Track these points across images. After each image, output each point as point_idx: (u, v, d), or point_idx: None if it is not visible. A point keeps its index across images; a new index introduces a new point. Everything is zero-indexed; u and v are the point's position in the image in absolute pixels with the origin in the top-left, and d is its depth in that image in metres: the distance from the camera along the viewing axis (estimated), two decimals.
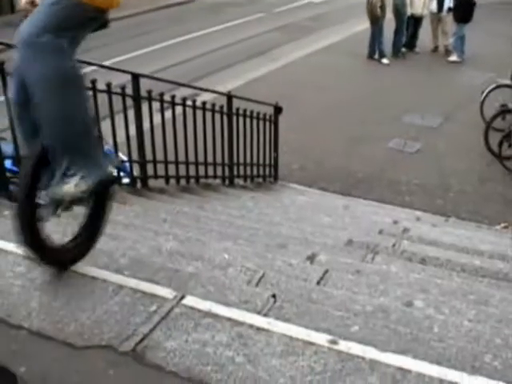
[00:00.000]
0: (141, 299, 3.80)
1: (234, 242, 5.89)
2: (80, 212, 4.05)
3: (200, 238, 5.73)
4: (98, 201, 4.09)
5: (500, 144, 12.59)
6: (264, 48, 21.83)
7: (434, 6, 20.59)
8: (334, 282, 4.83)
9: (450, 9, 20.34)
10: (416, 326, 4.04)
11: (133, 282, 3.98)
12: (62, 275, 4.04)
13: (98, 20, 3.76)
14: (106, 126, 7.37)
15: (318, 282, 4.80)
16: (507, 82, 14.89)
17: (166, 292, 3.87)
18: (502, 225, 10.37)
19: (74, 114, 3.61)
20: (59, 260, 4.02)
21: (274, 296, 4.03)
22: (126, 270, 4.33)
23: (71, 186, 3.63)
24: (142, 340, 3.47)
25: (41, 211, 3.74)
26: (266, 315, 3.81)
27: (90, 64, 7.82)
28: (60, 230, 4.01)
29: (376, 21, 20.18)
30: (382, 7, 19.87)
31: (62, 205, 3.77)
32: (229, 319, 3.62)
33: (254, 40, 22.89)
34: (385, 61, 20.16)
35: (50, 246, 3.88)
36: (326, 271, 4.97)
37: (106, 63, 17.41)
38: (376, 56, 20.32)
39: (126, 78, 7.64)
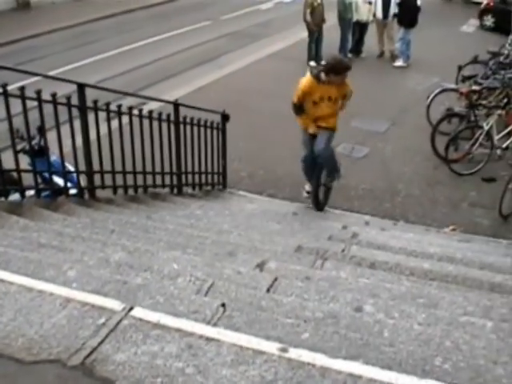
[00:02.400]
0: (89, 312, 3.76)
1: (183, 251, 5.86)
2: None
3: (148, 248, 5.68)
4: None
5: (446, 147, 12.74)
6: (211, 55, 21.82)
7: (379, 12, 20.77)
8: (283, 290, 4.82)
9: (394, 15, 20.57)
10: (366, 331, 4.05)
11: (81, 295, 3.94)
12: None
13: None
14: (52, 136, 7.30)
15: (268, 290, 4.80)
16: (452, 86, 15.07)
17: (114, 304, 3.83)
18: (450, 227, 10.49)
19: (334, 163, 10.27)
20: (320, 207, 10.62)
21: (223, 305, 4.01)
22: (74, 282, 4.29)
23: (330, 182, 10.57)
24: (90, 353, 3.43)
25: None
26: (215, 325, 3.79)
27: (35, 74, 7.76)
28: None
29: (307, 26, 20.43)
30: (313, 14, 19.97)
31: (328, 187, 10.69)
32: (178, 330, 3.60)
33: (202, 47, 22.86)
34: (312, 63, 20.28)
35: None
36: (276, 279, 4.97)
37: (52, 73, 17.37)
38: (311, 63, 20.39)
39: (72, 88, 7.55)
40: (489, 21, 26.92)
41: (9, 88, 6.46)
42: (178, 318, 3.74)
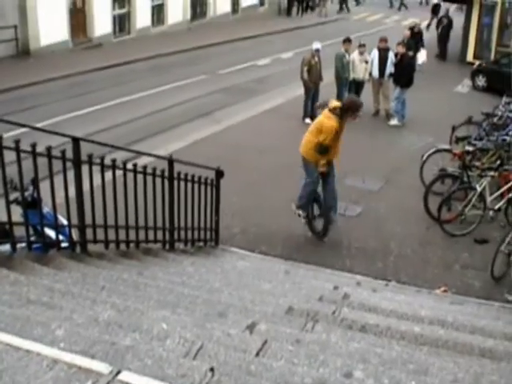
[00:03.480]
0: (76, 374, 3.71)
1: (173, 310, 5.82)
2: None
3: (138, 306, 5.64)
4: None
5: (439, 208, 12.79)
6: (207, 110, 21.93)
7: (375, 71, 20.99)
8: (273, 353, 4.77)
9: (390, 74, 20.78)
10: None
11: (68, 357, 3.89)
12: None
13: None
14: (45, 186, 7.26)
15: (257, 353, 4.75)
16: (446, 146, 15.16)
17: (101, 367, 3.78)
18: (442, 289, 10.47)
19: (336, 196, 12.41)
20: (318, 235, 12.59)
21: (211, 369, 3.96)
22: (62, 341, 4.24)
23: (334, 218, 12.45)
24: None
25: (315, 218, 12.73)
26: None
27: (30, 127, 7.76)
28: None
29: (304, 84, 20.69)
30: (310, 72, 20.28)
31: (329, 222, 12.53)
32: None
33: (198, 101, 22.99)
34: (307, 120, 20.37)
35: (316, 230, 12.69)
36: (266, 341, 4.92)
37: (49, 122, 17.45)
38: (307, 120, 20.46)
39: (67, 139, 7.54)
40: (481, 81, 27.19)
41: (4, 136, 6.43)
42: (166, 383, 3.69)
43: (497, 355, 5.90)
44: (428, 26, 41.73)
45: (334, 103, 11.93)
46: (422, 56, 27.26)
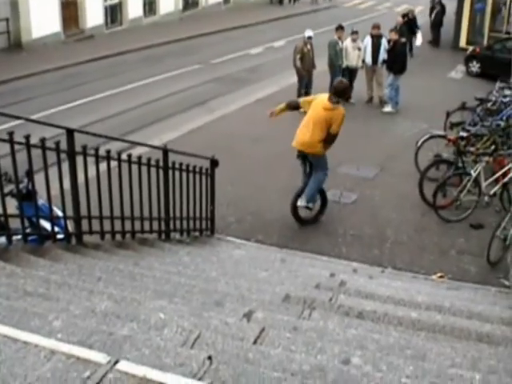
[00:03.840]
0: (74, 365, 3.71)
1: (170, 300, 5.82)
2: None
3: (135, 296, 5.64)
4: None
5: (434, 194, 12.77)
6: (201, 99, 21.89)
7: (368, 58, 20.95)
8: (271, 341, 4.77)
9: (384, 61, 20.73)
10: None
11: (66, 347, 3.88)
12: None
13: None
14: (40, 179, 7.24)
15: (255, 341, 4.75)
16: (440, 132, 15.15)
17: (99, 357, 3.78)
18: (438, 274, 10.46)
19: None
20: (302, 221, 12.45)
21: (209, 358, 3.95)
22: (59, 332, 4.23)
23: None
24: None
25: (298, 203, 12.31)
26: (201, 379, 3.73)
27: (25, 119, 7.73)
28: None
29: (297, 72, 20.67)
30: (303, 60, 20.28)
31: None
32: None
33: (191, 91, 22.97)
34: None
35: (300, 216, 12.43)
36: (263, 329, 4.92)
37: (42, 114, 17.40)
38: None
39: (61, 130, 7.51)
40: (475, 67, 27.19)
41: None
42: (164, 371, 3.68)
43: (494, 340, 5.92)
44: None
45: (325, 95, 11.93)
46: (418, 38, 27.38)
